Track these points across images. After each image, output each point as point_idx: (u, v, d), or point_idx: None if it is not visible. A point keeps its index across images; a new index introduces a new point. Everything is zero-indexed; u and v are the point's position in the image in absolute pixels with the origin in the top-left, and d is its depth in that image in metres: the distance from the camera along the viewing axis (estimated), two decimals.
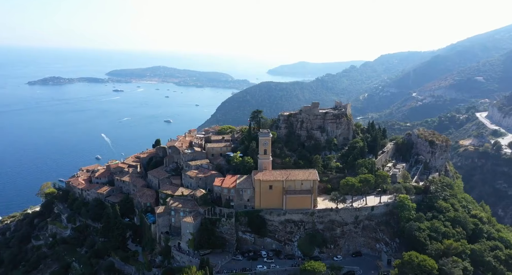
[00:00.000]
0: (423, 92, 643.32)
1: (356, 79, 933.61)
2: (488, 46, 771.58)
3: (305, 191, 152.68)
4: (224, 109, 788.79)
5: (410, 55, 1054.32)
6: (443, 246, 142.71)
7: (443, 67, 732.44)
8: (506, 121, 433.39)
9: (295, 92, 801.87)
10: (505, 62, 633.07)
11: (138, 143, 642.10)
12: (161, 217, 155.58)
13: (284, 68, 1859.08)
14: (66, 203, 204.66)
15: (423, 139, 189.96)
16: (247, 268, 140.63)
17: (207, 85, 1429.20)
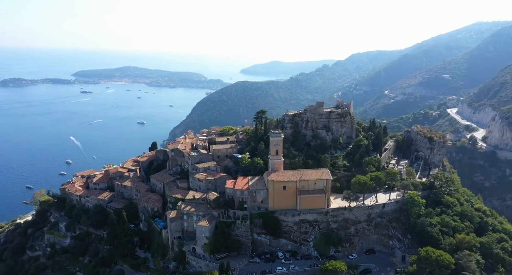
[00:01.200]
0: (394, 90, 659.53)
1: (329, 78, 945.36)
2: (451, 45, 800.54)
3: (318, 191, 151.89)
4: (200, 109, 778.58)
5: (379, 54, 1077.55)
6: (456, 241, 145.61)
7: (411, 66, 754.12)
8: (476, 117, 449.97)
9: (271, 91, 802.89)
10: (468, 61, 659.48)
11: (111, 146, 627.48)
12: (174, 221, 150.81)
13: (257, 68, 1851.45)
14: (62, 211, 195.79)
15: (422, 136, 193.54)
16: (266, 270, 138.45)
17: (180, 85, 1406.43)
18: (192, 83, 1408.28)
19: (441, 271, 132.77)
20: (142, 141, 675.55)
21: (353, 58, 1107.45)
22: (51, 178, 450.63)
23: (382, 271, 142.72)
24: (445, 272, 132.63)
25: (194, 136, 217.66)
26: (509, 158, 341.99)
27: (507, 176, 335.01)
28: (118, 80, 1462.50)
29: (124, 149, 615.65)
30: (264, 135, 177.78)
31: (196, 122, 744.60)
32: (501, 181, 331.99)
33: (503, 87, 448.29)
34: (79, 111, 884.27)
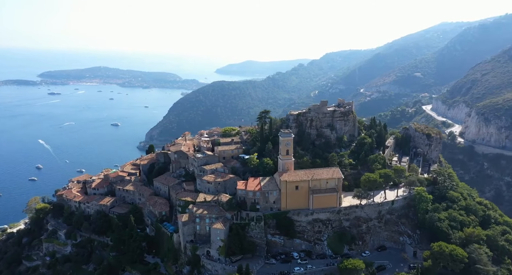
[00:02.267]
0: (370, 88, 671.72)
1: (305, 77, 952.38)
2: (421, 45, 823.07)
3: (330, 190, 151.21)
4: (177, 110, 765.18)
5: (352, 53, 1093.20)
6: (465, 235, 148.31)
7: (384, 65, 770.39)
8: (450, 113, 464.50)
9: (248, 91, 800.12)
10: (438, 59, 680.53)
11: (85, 149, 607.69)
12: (186, 225, 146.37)
13: (232, 67, 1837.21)
14: (60, 218, 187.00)
15: (420, 133, 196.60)
16: (284, 271, 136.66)
17: (154, 85, 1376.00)
18: (167, 83, 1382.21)
19: (455, 265, 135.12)
20: (117, 144, 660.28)
21: (327, 57, 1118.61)
22: (21, 184, 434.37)
23: (395, 267, 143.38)
24: (459, 266, 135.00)
25: (192, 137, 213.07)
26: (486, 152, 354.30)
27: (484, 170, 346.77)
28: (88, 81, 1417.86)
29: (99, 152, 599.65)
30: (270, 135, 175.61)
31: (173, 123, 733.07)
32: (479, 174, 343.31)
33: (474, 84, 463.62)
34: (48, 114, 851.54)
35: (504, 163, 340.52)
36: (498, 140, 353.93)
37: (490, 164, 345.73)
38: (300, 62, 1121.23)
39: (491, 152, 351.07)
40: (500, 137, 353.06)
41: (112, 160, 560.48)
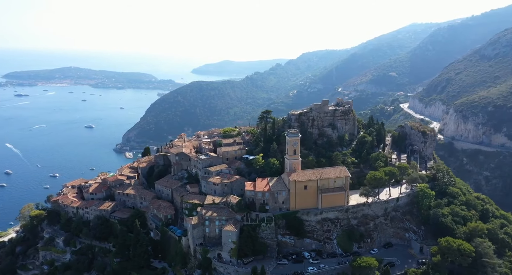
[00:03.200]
0: (347, 87, 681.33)
1: (283, 77, 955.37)
2: (394, 45, 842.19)
3: (338, 189, 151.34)
4: (155, 111, 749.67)
5: (328, 53, 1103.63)
6: (468, 229, 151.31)
7: (360, 64, 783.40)
8: (428, 111, 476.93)
9: (227, 91, 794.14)
10: (411, 59, 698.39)
11: (58, 153, 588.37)
12: (196, 228, 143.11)
13: (209, 67, 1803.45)
14: (56, 225, 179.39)
15: (416, 130, 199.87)
16: (298, 271, 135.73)
17: (128, 86, 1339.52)
18: (142, 84, 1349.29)
19: (464, 259, 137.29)
20: (92, 146, 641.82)
21: (304, 57, 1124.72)
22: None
23: (404, 264, 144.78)
24: (467, 260, 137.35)
25: (189, 138, 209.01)
26: (465, 148, 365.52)
27: (464, 165, 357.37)
28: (58, 82, 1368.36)
29: (74, 155, 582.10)
30: (273, 135, 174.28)
31: (151, 125, 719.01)
32: (460, 169, 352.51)
33: (449, 83, 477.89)
34: (16, 116, 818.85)
35: (482, 158, 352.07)
36: (476, 136, 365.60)
37: (469, 159, 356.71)
38: (277, 62, 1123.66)
39: (470, 147, 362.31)
40: (478, 133, 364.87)
41: (87, 163, 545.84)
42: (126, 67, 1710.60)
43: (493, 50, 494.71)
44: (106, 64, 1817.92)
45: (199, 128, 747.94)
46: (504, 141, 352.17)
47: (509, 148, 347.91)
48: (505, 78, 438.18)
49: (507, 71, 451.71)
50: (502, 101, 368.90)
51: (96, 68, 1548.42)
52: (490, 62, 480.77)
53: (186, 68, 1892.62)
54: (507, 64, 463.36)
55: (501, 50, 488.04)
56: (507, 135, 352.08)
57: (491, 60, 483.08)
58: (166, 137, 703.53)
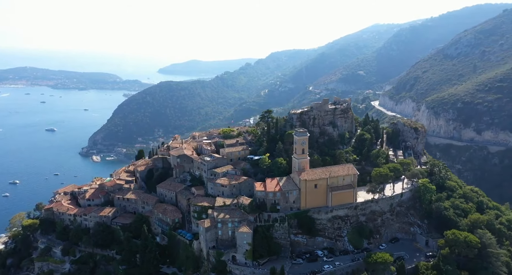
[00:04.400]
0: (318, 86, 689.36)
1: (253, 76, 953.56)
2: (360, 45, 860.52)
3: (347, 186, 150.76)
4: (123, 112, 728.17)
5: (296, 53, 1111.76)
6: (470, 221, 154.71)
7: (328, 63, 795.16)
8: (398, 108, 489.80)
9: (197, 91, 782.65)
10: (377, 58, 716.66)
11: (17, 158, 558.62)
12: (209, 231, 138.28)
13: (176, 67, 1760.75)
14: (51, 234, 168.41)
15: (409, 127, 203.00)
16: (315, 270, 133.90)
17: (91, 87, 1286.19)
18: (106, 84, 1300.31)
19: (470, 251, 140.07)
20: (55, 150, 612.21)
21: (273, 56, 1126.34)
22: None
23: (412, 258, 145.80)
24: (473, 252, 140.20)
25: (183, 140, 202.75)
26: (437, 142, 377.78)
27: (437, 159, 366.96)
28: (12, 83, 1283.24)
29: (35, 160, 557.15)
30: (276, 135, 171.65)
31: (119, 126, 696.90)
32: None
33: (417, 81, 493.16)
34: None
35: (454, 152, 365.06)
36: (447, 131, 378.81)
37: (442, 153, 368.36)
38: (246, 61, 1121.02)
39: (442, 142, 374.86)
40: (449, 129, 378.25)
41: (51, 168, 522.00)
42: (87, 66, 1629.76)
43: (455, 50, 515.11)
44: (66, 63, 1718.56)
45: (170, 129, 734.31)
46: (473, 136, 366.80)
47: (478, 142, 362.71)
48: (468, 76, 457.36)
49: (469, 69, 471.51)
50: (470, 98, 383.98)
51: (54, 68, 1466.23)
52: (453, 61, 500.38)
53: (152, 68, 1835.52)
54: (469, 63, 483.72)
55: (463, 49, 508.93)
56: (475, 130, 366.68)
57: (454, 59, 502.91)
58: (135, 139, 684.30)
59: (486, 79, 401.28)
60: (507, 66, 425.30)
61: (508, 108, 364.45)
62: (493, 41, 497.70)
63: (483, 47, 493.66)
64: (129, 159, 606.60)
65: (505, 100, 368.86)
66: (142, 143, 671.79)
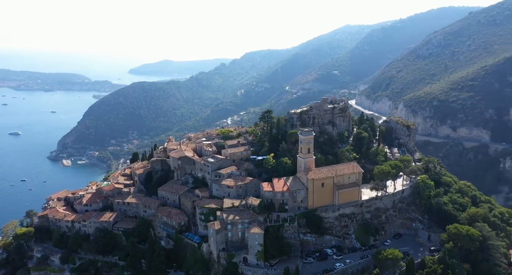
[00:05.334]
0: (294, 86, 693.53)
1: (228, 76, 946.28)
2: (333, 45, 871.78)
3: (352, 184, 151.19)
4: (94, 114, 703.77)
5: (270, 53, 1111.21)
6: (469, 215, 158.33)
7: (303, 63, 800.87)
8: (375, 106, 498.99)
9: (172, 92, 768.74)
10: (351, 58, 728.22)
11: None
12: (219, 233, 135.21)
13: (148, 67, 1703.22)
14: (47, 242, 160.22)
15: (401, 125, 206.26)
16: (328, 268, 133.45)
17: (58, 88, 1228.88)
18: (74, 85, 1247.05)
19: (473, 244, 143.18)
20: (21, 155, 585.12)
21: (247, 56, 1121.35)
22: None
23: (417, 253, 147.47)
24: (476, 244, 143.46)
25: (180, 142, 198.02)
26: (416, 139, 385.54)
27: None
28: None
29: None
30: (278, 135, 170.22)
31: (90, 129, 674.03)
32: None
33: (392, 80, 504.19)
34: None
35: (432, 149, 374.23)
36: (424, 128, 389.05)
37: (420, 150, 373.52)
38: (220, 61, 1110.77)
39: (420, 139, 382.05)
40: (426, 126, 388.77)
41: (17, 174, 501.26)
42: (52, 67, 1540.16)
43: (427, 50, 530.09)
44: (28, 64, 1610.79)
45: (145, 130, 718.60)
46: (449, 132, 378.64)
47: (453, 138, 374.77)
48: (440, 75, 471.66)
49: (441, 69, 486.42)
50: (444, 96, 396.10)
51: (16, 68, 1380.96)
52: (425, 61, 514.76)
53: (123, 68, 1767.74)
54: (440, 62, 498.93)
55: (434, 50, 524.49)
56: (451, 126, 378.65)
57: (426, 59, 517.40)
58: (108, 142, 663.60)
59: (459, 78, 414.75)
60: (475, 65, 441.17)
61: (480, 105, 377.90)
62: (461, 42, 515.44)
63: (452, 47, 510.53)
64: (102, 163, 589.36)
65: (477, 98, 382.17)
66: (115, 146, 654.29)
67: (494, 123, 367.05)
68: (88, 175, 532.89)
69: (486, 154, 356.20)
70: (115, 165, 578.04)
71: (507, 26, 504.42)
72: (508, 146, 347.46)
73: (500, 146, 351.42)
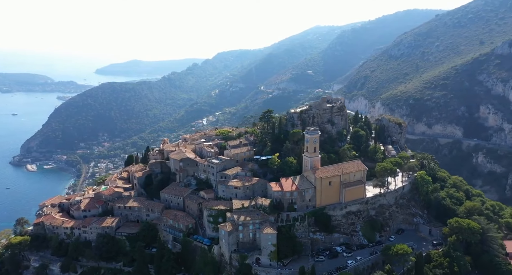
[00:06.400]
0: (270, 86, 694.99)
1: (201, 76, 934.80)
2: (305, 45, 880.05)
3: (357, 182, 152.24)
4: (60, 116, 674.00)
5: (242, 53, 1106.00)
6: (466, 208, 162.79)
7: (277, 63, 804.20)
8: (352, 105, 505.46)
9: (144, 92, 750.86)
10: (323, 58, 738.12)
11: None
12: (231, 234, 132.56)
13: (116, 67, 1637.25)
14: (44, 250, 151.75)
15: (393, 123, 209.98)
16: (340, 266, 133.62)
17: (17, 89, 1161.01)
18: (36, 86, 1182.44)
19: (474, 237, 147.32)
20: None
21: (220, 56, 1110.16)
22: None
23: (421, 247, 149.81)
24: (477, 237, 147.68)
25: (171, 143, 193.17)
26: None
27: None
28: None
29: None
30: (280, 135, 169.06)
31: (57, 132, 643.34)
32: None
33: (367, 80, 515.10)
34: None
35: (409, 145, 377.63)
36: None
37: None
38: (191, 61, 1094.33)
39: None
40: None
41: None
42: (11, 67, 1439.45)
43: (398, 51, 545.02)
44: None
45: (116, 132, 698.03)
46: (424, 129, 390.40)
47: (429, 135, 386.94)
48: (412, 74, 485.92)
49: (412, 68, 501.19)
50: (419, 94, 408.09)
51: None
52: (397, 61, 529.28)
53: (89, 68, 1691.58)
54: (411, 62, 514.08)
55: (405, 51, 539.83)
56: (426, 124, 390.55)
57: (398, 59, 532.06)
58: (77, 145, 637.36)
59: (431, 77, 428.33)
60: (445, 65, 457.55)
61: (453, 103, 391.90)
62: (430, 43, 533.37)
63: (422, 48, 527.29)
64: (71, 167, 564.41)
65: (449, 96, 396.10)
66: (85, 149, 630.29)
67: (466, 120, 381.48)
68: (57, 180, 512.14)
69: (460, 150, 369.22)
70: (86, 168, 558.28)
71: (471, 28, 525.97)
72: (479, 142, 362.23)
73: (472, 141, 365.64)
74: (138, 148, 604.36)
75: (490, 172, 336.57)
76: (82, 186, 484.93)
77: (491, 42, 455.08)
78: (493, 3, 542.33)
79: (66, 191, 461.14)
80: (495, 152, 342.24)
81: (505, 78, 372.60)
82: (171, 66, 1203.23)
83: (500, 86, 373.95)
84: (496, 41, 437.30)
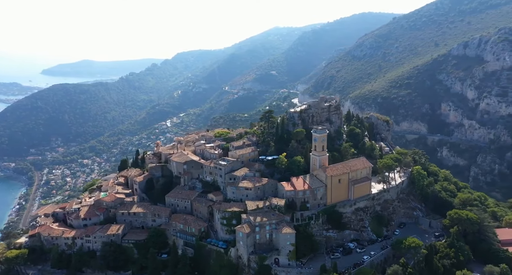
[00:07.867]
0: (234, 86, 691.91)
1: (161, 77, 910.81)
2: (267, 46, 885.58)
3: (364, 179, 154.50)
4: (6, 121, 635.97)
5: (203, 53, 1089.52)
6: (461, 200, 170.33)
7: (240, 64, 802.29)
8: None
9: (101, 94, 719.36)
10: (287, 59, 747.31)
11: None
12: (249, 236, 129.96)
13: (65, 68, 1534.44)
14: (42, 263, 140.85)
15: (382, 120, 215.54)
16: (357, 262, 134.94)
17: None
18: None
19: (473, 227, 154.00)
20: None
21: (179, 57, 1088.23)
22: None
23: (424, 239, 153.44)
24: (476, 227, 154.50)
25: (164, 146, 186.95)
26: None
27: None
28: None
29: None
30: (283, 134, 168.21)
31: (3, 137, 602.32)
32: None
33: (333, 79, 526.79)
34: None
35: None
36: None
37: None
38: (149, 61, 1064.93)
39: None
40: None
41: None
42: None
43: (361, 52, 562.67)
44: None
45: (71, 137, 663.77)
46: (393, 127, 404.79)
47: (397, 132, 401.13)
48: (376, 74, 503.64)
49: (375, 68, 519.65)
50: (386, 93, 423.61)
51: None
52: (361, 61, 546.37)
53: (35, 68, 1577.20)
54: (374, 63, 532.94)
55: (367, 51, 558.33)
56: (394, 121, 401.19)
57: (361, 60, 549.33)
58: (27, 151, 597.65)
59: (396, 76, 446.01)
60: (405, 65, 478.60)
61: (417, 101, 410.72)
62: (390, 44, 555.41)
63: (383, 49, 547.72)
64: (21, 175, 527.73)
65: (414, 94, 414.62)
66: (36, 155, 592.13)
67: (429, 116, 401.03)
68: (5, 190, 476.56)
69: (426, 145, 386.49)
70: (38, 176, 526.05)
71: (425, 31, 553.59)
72: (443, 137, 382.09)
73: (436, 137, 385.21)
74: (96, 152, 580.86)
75: (454, 165, 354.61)
76: (36, 194, 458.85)
77: (445, 44, 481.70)
78: (443, 8, 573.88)
79: (17, 201, 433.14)
80: (458, 146, 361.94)
81: (462, 77, 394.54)
82: (127, 66, 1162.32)
83: (458, 84, 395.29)
84: (450, 43, 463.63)
